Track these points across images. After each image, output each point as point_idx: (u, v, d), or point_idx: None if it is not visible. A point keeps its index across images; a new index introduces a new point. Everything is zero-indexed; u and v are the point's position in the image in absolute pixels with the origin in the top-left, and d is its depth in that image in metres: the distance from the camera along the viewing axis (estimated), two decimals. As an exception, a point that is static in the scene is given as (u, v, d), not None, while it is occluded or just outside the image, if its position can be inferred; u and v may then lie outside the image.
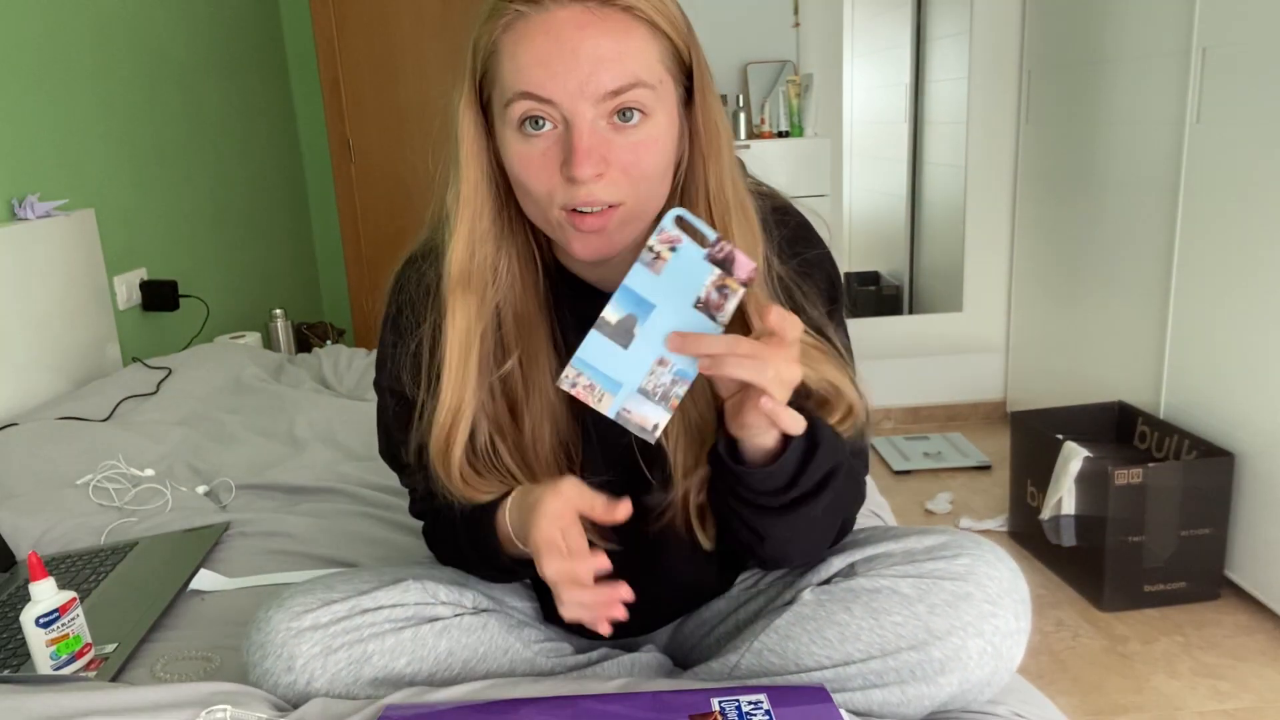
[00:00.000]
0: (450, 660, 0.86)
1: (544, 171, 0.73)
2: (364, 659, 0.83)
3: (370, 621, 0.84)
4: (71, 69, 2.09)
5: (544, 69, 0.69)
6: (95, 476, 1.49)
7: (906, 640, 0.78)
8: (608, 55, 0.69)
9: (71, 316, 1.97)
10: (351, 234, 3.58)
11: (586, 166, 0.70)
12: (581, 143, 0.70)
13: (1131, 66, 2.23)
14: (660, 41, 0.73)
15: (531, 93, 0.70)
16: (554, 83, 0.69)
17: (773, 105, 2.84)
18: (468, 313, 0.78)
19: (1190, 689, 1.67)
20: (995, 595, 0.78)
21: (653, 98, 0.72)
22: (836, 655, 0.80)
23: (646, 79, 0.71)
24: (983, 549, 0.81)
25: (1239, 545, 1.92)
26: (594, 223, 0.73)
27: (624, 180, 0.73)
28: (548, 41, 0.69)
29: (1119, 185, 2.31)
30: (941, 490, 2.56)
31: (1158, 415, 2.15)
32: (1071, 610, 1.96)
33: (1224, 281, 1.93)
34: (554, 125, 0.72)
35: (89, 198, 2.12)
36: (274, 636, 0.82)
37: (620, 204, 0.73)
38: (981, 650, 0.77)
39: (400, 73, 3.46)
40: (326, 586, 0.86)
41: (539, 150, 0.72)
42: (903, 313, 3.37)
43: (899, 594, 0.79)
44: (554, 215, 0.74)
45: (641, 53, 0.71)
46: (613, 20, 0.70)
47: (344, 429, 1.79)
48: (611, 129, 0.72)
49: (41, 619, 0.94)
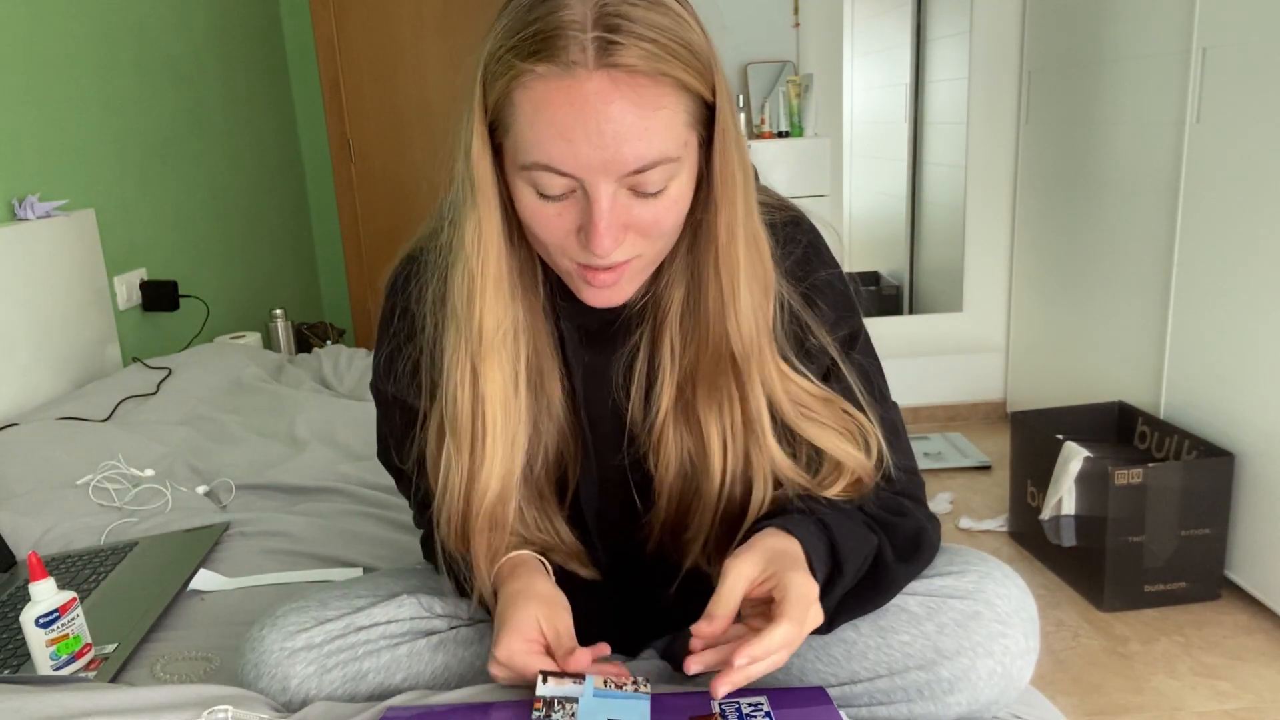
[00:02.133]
0: (447, 675, 0.85)
1: (558, 230, 0.70)
2: (359, 677, 0.82)
3: (365, 639, 0.83)
4: (72, 69, 2.09)
5: (566, 144, 0.65)
6: (95, 477, 1.49)
7: (914, 660, 0.77)
8: (633, 133, 0.65)
9: (72, 317, 1.96)
10: (351, 234, 3.57)
11: (606, 242, 0.68)
12: (601, 219, 0.67)
13: (1132, 67, 2.22)
14: (688, 101, 0.68)
15: (551, 166, 0.66)
16: (575, 159, 0.65)
17: (773, 105, 2.83)
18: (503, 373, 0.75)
19: (1190, 689, 1.67)
20: (1005, 615, 0.77)
21: (676, 166, 0.69)
22: (842, 673, 0.79)
23: (672, 152, 0.67)
24: (990, 566, 0.80)
25: (1239, 545, 1.92)
26: (608, 278, 0.72)
27: (641, 240, 0.71)
28: (570, 113, 0.64)
29: (1119, 185, 2.31)
30: (942, 490, 2.55)
31: (1158, 415, 2.15)
32: (1071, 610, 1.96)
33: (1224, 281, 1.93)
34: (572, 190, 0.68)
35: (89, 198, 2.12)
36: (268, 657, 0.81)
37: (636, 258, 0.72)
38: (991, 671, 0.76)
39: (400, 73, 3.44)
40: (320, 604, 0.85)
41: (555, 211, 0.69)
42: (903, 313, 3.36)
43: (907, 612, 0.78)
44: (564, 264, 0.73)
45: (669, 125, 0.66)
46: (641, 90, 0.64)
47: (344, 429, 1.79)
48: (632, 196, 0.69)
49: (41, 619, 0.94)
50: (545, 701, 0.70)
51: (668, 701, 0.75)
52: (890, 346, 3.06)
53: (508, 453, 0.77)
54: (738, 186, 0.72)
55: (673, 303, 0.78)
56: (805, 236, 0.83)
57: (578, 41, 0.63)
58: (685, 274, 0.77)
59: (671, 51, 0.65)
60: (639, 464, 0.83)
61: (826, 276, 0.82)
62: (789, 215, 0.83)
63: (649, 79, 0.64)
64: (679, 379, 0.79)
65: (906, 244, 3.33)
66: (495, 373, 0.75)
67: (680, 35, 0.65)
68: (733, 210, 0.72)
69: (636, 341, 0.81)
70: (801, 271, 0.81)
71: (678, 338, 0.79)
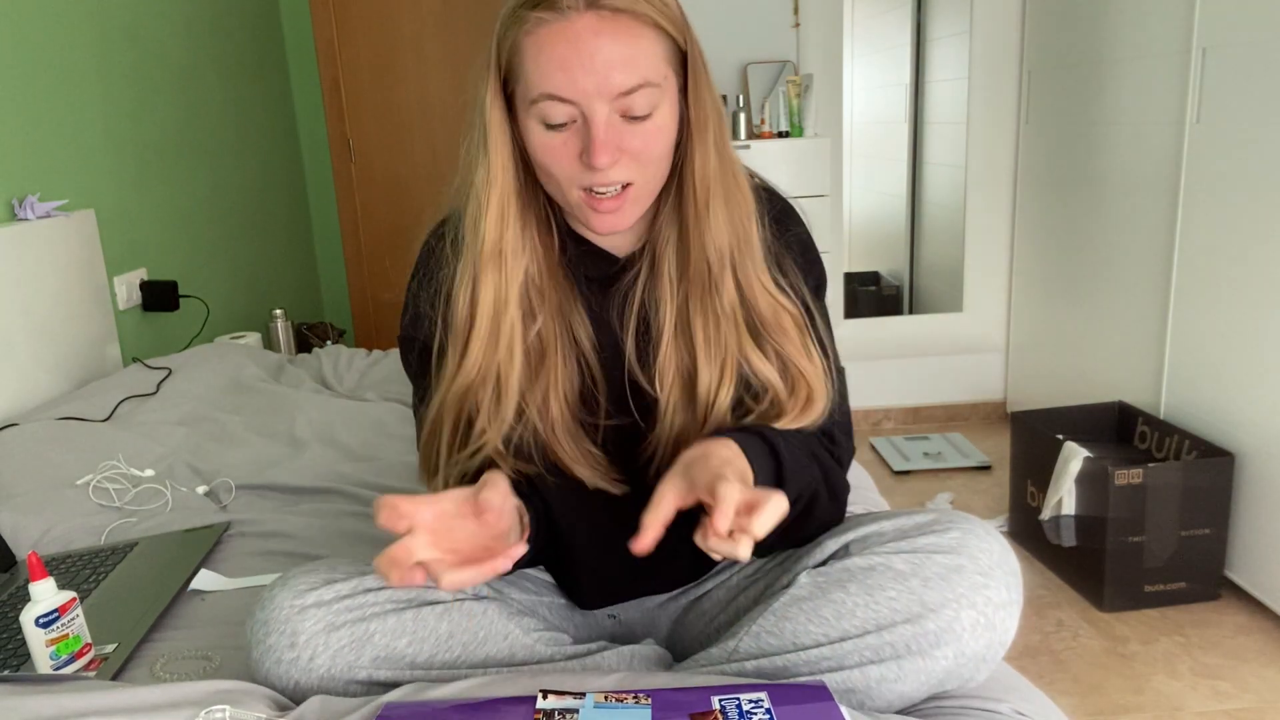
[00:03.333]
0: (451, 643, 0.87)
1: (565, 158, 0.82)
2: (366, 637, 0.84)
3: (373, 601, 0.85)
4: (72, 69, 2.09)
5: (564, 73, 0.78)
6: (95, 477, 1.49)
7: (901, 614, 0.79)
8: (620, 59, 0.78)
9: (72, 317, 1.96)
10: (352, 234, 3.57)
11: (604, 156, 0.80)
12: (599, 136, 0.79)
13: (1132, 66, 2.22)
14: (664, 40, 0.82)
15: (554, 94, 0.79)
16: (574, 86, 0.78)
17: (773, 105, 2.83)
18: (498, 283, 0.87)
19: (1190, 689, 1.67)
20: (987, 567, 0.80)
21: (658, 94, 0.81)
22: (833, 633, 0.81)
23: (653, 78, 0.80)
24: (973, 524, 0.83)
25: (1239, 545, 1.92)
26: (610, 204, 0.84)
27: (634, 164, 0.83)
28: (567, 48, 0.78)
29: (1119, 185, 2.31)
30: (941, 490, 2.55)
31: (1158, 415, 2.15)
32: (1072, 610, 1.96)
33: (1224, 281, 1.93)
34: (573, 120, 0.81)
35: (89, 198, 2.11)
36: (278, 613, 0.84)
37: (631, 184, 0.84)
38: (975, 621, 0.78)
39: (401, 72, 3.44)
40: (330, 567, 0.88)
41: (560, 141, 0.82)
42: (902, 313, 3.36)
43: (893, 570, 0.81)
44: (573, 195, 0.84)
45: (649, 55, 0.80)
46: (623, 26, 0.78)
47: (344, 429, 1.79)
48: (624, 122, 0.81)
49: (41, 619, 0.94)
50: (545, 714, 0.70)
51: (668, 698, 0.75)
52: (890, 347, 3.07)
53: (490, 345, 0.87)
54: (709, 122, 0.86)
55: (668, 242, 0.90)
56: (780, 201, 0.96)
57: None
58: (675, 214, 0.90)
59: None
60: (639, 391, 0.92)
61: (800, 234, 0.95)
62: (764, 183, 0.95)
63: (630, 16, 0.79)
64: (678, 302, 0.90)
65: (906, 244, 3.33)
66: (488, 282, 0.86)
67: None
68: (705, 140, 0.86)
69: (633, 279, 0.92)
70: (778, 227, 0.93)
71: (674, 266, 0.90)
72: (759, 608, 0.86)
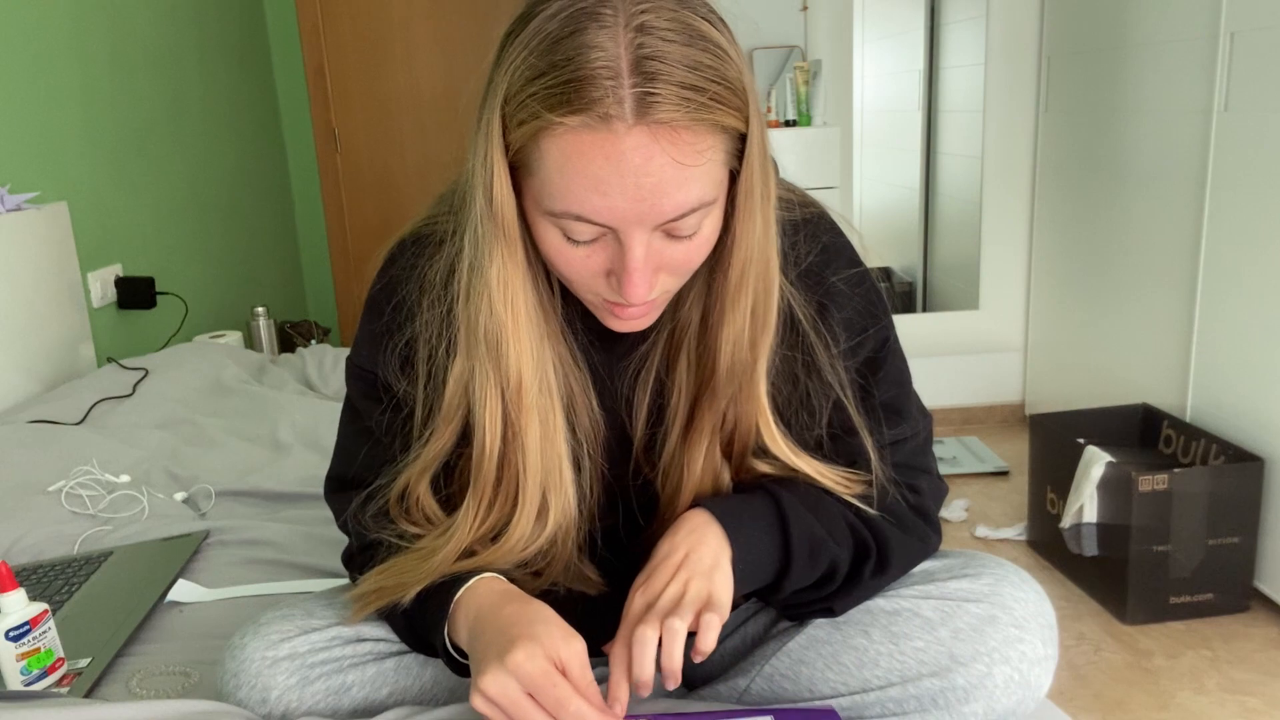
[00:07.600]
0: (436, 689, 0.84)
1: (586, 271, 0.69)
2: (343, 690, 0.81)
3: (351, 652, 0.82)
4: (45, 56, 2.07)
5: (601, 197, 0.63)
6: (68, 483, 1.48)
7: (929, 666, 0.76)
8: (673, 185, 0.63)
9: (43, 315, 1.94)
10: (337, 228, 3.58)
11: (641, 289, 0.67)
12: (636, 268, 0.66)
13: (1156, 52, 2.21)
14: (726, 138, 0.66)
15: (584, 217, 0.65)
16: (611, 212, 0.64)
17: (779, 93, 2.87)
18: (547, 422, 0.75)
19: (1218, 705, 1.65)
20: (1022, 619, 0.76)
21: (711, 207, 0.68)
22: (854, 682, 0.78)
23: (709, 197, 0.66)
24: (1005, 569, 0.80)
25: (1269, 555, 1.90)
26: (635, 311, 0.72)
27: (670, 278, 0.71)
28: (606, 167, 0.62)
29: (1143, 176, 2.30)
30: (957, 497, 2.54)
31: (1184, 418, 2.14)
32: (1093, 623, 1.94)
33: (1253, 277, 1.91)
34: (602, 235, 0.67)
35: (62, 190, 2.09)
36: (248, 666, 0.80)
37: (664, 294, 0.73)
38: (1008, 678, 0.76)
39: (388, 60, 3.44)
40: (306, 613, 0.84)
41: (583, 255, 0.68)
42: (916, 310, 3.37)
43: (920, 616, 0.78)
44: (590, 298, 0.73)
45: (708, 172, 0.65)
46: (681, 142, 0.62)
47: (329, 433, 1.77)
48: (665, 239, 0.68)
49: (11, 632, 0.94)
50: None
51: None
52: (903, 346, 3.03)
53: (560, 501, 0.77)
54: (756, 215, 0.71)
55: (691, 324, 0.78)
56: (825, 236, 0.82)
57: (614, 94, 0.60)
58: (702, 298, 0.77)
59: (711, 95, 0.62)
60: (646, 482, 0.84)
61: (845, 280, 0.81)
62: (809, 213, 0.82)
63: (689, 129, 0.62)
64: (690, 400, 0.80)
65: (920, 238, 3.33)
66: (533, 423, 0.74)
67: (720, 73, 0.63)
68: (749, 240, 0.72)
69: (647, 353, 0.81)
70: (817, 276, 0.80)
71: (694, 358, 0.79)
72: (772, 644, 0.83)
